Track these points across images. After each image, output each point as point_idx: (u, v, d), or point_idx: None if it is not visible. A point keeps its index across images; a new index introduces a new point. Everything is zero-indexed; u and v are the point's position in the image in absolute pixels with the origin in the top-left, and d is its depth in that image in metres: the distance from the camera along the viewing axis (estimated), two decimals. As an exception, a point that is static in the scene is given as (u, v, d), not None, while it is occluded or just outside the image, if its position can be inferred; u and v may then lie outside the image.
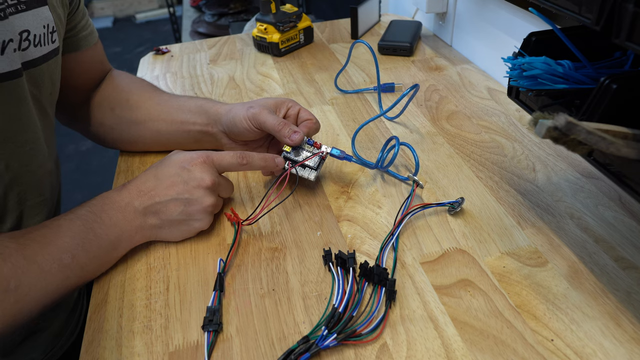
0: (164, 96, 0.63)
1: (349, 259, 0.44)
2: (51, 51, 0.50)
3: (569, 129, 0.30)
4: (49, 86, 0.51)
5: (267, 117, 0.53)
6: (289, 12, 0.91)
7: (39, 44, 0.48)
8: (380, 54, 0.89)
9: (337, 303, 0.41)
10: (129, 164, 0.63)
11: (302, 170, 0.53)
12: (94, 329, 0.42)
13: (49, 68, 0.50)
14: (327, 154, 0.54)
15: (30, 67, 0.47)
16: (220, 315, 0.42)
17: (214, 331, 0.40)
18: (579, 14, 0.33)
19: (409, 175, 0.52)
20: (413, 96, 0.53)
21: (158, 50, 0.97)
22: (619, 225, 0.48)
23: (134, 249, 0.48)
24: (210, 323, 0.41)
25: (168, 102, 0.62)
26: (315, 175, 0.53)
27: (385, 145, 0.55)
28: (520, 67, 0.41)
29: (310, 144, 0.54)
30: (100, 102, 0.62)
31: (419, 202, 0.52)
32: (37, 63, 0.48)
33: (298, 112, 0.57)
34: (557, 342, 0.38)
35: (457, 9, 0.88)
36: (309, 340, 0.38)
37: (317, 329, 0.40)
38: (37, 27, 0.47)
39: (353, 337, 0.39)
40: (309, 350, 0.37)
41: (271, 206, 0.52)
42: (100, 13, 3.97)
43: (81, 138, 0.73)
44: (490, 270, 0.45)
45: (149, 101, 0.62)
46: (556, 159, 0.58)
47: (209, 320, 0.41)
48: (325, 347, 0.38)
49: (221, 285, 0.44)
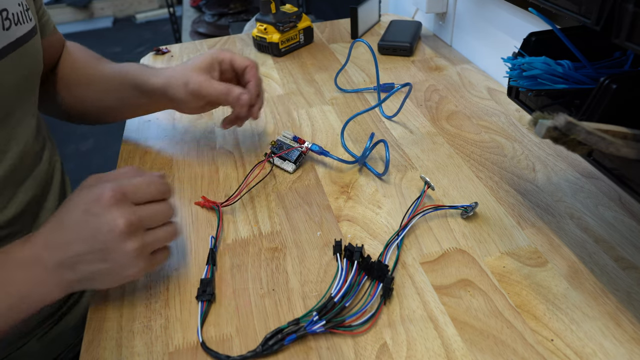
0: (106, 70, 0.62)
1: (356, 252, 0.45)
2: (31, 29, 0.50)
3: (569, 129, 0.30)
4: (35, 64, 0.51)
5: (208, 89, 0.53)
6: (289, 12, 0.91)
7: (19, 22, 0.48)
8: (380, 54, 0.89)
9: (335, 292, 0.41)
10: (128, 164, 0.63)
11: (282, 163, 0.59)
12: (94, 329, 0.42)
13: (34, 46, 0.50)
14: (308, 149, 0.59)
15: (18, 46, 0.47)
16: (213, 287, 0.44)
17: (207, 301, 0.43)
18: (579, 14, 0.33)
19: (421, 177, 0.52)
20: (408, 94, 0.54)
21: (158, 51, 0.97)
22: (619, 225, 0.48)
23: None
24: (203, 294, 0.43)
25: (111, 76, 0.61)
26: (293, 168, 0.58)
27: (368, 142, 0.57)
28: (520, 67, 0.41)
29: (295, 140, 0.60)
30: (59, 84, 0.63)
31: (428, 203, 0.52)
32: (22, 42, 0.48)
33: (231, 62, 0.56)
34: (557, 342, 0.38)
35: (457, 9, 0.88)
36: (299, 323, 0.40)
37: (309, 313, 0.40)
38: (13, 5, 0.47)
39: (342, 326, 0.39)
40: (296, 332, 0.39)
41: (250, 186, 0.56)
42: (100, 13, 3.97)
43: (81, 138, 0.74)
44: (490, 270, 0.45)
45: (96, 76, 0.62)
46: (556, 159, 0.58)
47: (202, 291, 0.43)
48: (313, 332, 0.39)
49: (213, 259, 0.47)
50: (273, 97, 0.77)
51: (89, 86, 0.62)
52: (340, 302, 0.40)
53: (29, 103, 0.52)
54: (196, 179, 0.59)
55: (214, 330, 0.41)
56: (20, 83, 0.49)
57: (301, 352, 0.39)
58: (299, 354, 0.38)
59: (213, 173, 0.60)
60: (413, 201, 0.51)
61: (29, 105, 0.52)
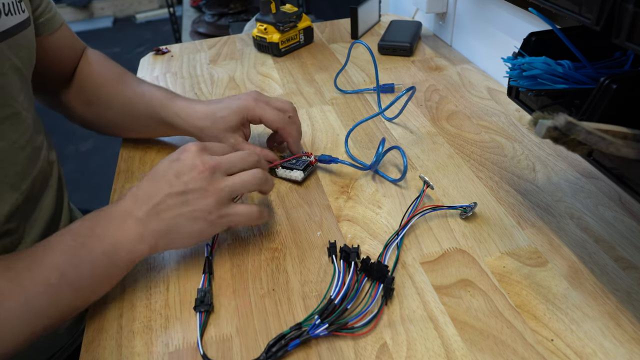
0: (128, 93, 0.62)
1: (352, 253, 0.45)
2: (24, 20, 0.49)
3: (569, 129, 0.30)
4: (27, 56, 0.51)
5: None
6: (289, 12, 0.91)
7: (9, 13, 0.47)
8: (380, 54, 0.89)
9: (335, 294, 0.41)
10: (129, 165, 0.63)
11: (289, 172, 0.56)
12: (94, 329, 0.42)
13: (26, 38, 0.50)
14: (316, 160, 0.57)
15: (7, 37, 0.46)
16: (211, 296, 0.43)
17: (206, 311, 0.42)
18: (579, 14, 0.33)
19: (420, 176, 0.52)
20: (410, 98, 0.54)
21: (158, 51, 0.97)
22: (619, 225, 0.48)
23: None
24: (201, 304, 0.42)
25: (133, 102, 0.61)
26: (302, 176, 0.56)
27: (379, 148, 0.56)
28: (520, 67, 0.41)
29: (303, 153, 0.58)
30: (77, 95, 0.62)
31: (427, 203, 0.52)
32: (13, 32, 0.47)
33: (261, 120, 0.56)
34: (557, 342, 0.38)
35: (457, 9, 0.88)
36: (301, 328, 0.39)
37: (311, 317, 0.40)
38: None
39: (345, 329, 0.39)
40: (299, 337, 0.38)
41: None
42: (100, 13, 3.98)
43: (81, 138, 0.74)
44: (490, 270, 0.45)
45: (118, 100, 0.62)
46: (556, 159, 0.58)
47: (200, 301, 0.42)
48: (316, 336, 0.38)
49: (210, 267, 0.45)
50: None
51: (110, 108, 0.62)
52: (342, 305, 0.40)
53: (23, 97, 0.50)
54: (196, 179, 0.59)
55: (214, 331, 0.41)
56: (10, 75, 0.48)
57: (301, 353, 0.39)
58: (299, 354, 0.38)
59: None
60: (412, 201, 0.51)
61: (24, 99, 0.51)
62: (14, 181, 0.49)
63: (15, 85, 0.48)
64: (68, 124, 0.68)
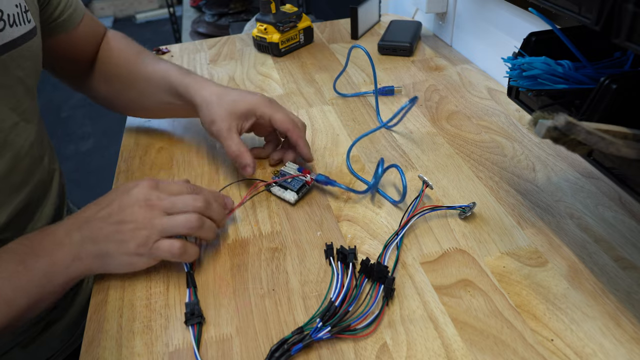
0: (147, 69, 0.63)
1: (349, 254, 0.45)
2: (29, 31, 0.49)
3: (569, 129, 0.30)
4: (32, 67, 0.51)
5: (224, 142, 0.54)
6: (289, 12, 0.91)
7: (14, 24, 0.47)
8: (380, 54, 0.89)
9: (335, 297, 0.41)
10: (128, 164, 0.63)
11: (283, 192, 0.54)
12: (94, 329, 0.42)
13: (30, 49, 0.50)
14: (313, 180, 0.54)
15: (10, 48, 0.46)
16: (200, 307, 0.43)
17: (198, 324, 0.41)
18: (579, 14, 0.33)
19: (419, 176, 0.52)
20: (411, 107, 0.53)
21: (158, 51, 0.97)
22: (619, 225, 0.48)
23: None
24: (192, 317, 0.42)
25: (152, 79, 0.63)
26: (295, 198, 0.53)
27: (378, 168, 0.54)
28: (520, 67, 0.41)
29: (300, 171, 0.56)
30: (99, 76, 0.64)
31: (427, 203, 0.52)
32: (17, 44, 0.47)
33: (270, 120, 0.56)
34: (557, 342, 0.38)
35: (457, 9, 0.88)
36: (303, 332, 0.39)
37: (312, 320, 0.40)
38: (10, 6, 0.46)
39: (347, 331, 0.39)
40: (302, 341, 0.38)
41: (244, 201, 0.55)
42: (100, 13, 3.97)
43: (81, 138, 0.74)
44: (490, 270, 0.45)
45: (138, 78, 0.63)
46: (556, 159, 0.58)
47: (190, 314, 0.42)
48: (319, 339, 0.38)
49: (193, 281, 0.45)
50: (273, 97, 0.77)
51: (131, 86, 0.63)
52: (343, 307, 0.40)
53: (24, 108, 0.51)
54: (196, 179, 0.59)
55: (214, 330, 0.41)
56: (14, 86, 0.48)
57: (301, 353, 0.39)
58: (299, 355, 0.38)
59: (213, 173, 0.60)
60: (412, 201, 0.51)
61: (25, 110, 0.51)
62: (10, 192, 0.49)
63: (17, 97, 0.48)
64: (68, 124, 0.68)
